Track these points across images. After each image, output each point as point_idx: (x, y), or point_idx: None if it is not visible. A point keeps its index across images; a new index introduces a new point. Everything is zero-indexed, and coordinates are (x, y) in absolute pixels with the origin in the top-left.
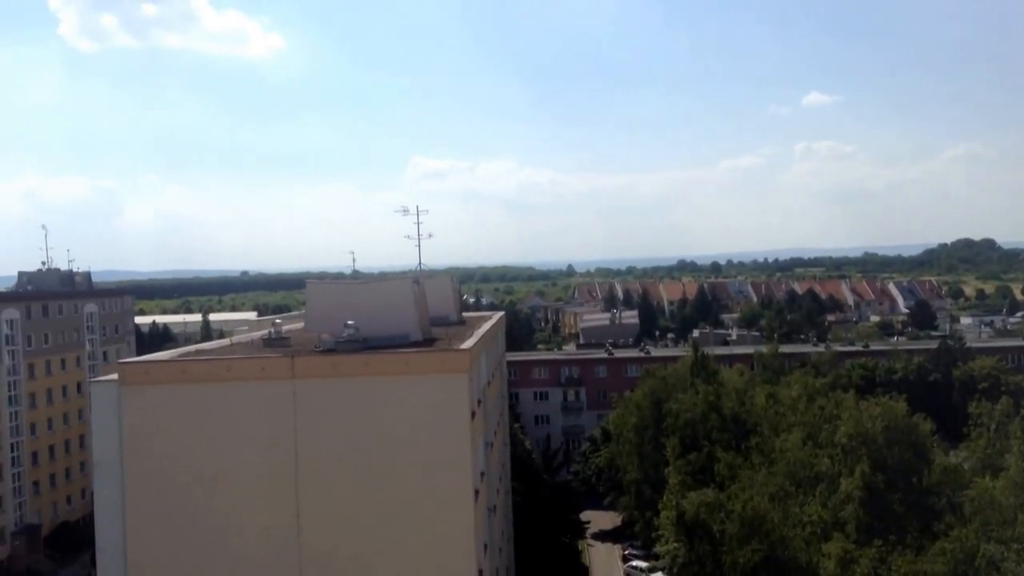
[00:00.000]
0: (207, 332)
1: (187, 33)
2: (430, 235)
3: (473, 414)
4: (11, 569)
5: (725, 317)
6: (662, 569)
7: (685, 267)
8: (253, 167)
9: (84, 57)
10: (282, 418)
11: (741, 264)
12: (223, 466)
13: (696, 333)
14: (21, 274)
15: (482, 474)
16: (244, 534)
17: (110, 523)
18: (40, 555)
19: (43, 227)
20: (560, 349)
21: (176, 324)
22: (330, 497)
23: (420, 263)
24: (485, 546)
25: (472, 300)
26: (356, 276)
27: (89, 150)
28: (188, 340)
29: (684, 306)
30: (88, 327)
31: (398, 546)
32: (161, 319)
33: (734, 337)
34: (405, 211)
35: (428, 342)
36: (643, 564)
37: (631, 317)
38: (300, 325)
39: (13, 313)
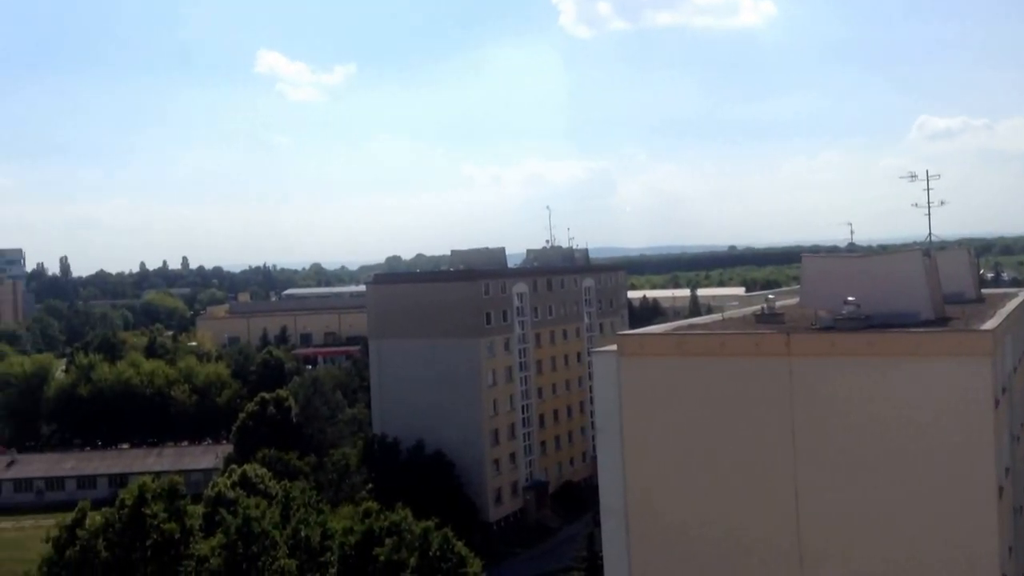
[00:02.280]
0: (695, 307)
1: (678, 10)
2: (941, 202)
3: (997, 402)
4: (523, 521)
5: None
6: None
7: None
8: (741, 139)
9: (581, 44)
10: (777, 396)
11: None
12: (717, 439)
13: None
14: (529, 251)
15: (1007, 470)
16: (739, 507)
17: (612, 486)
18: (547, 510)
19: (547, 208)
20: None
21: (665, 299)
22: (829, 480)
23: (930, 234)
24: (1010, 549)
25: (991, 275)
26: (852, 249)
27: (585, 133)
28: (676, 315)
29: None
30: (586, 300)
31: (905, 540)
32: (651, 294)
33: None
34: (912, 177)
35: (941, 321)
36: None
37: None
38: (793, 301)
39: (523, 287)
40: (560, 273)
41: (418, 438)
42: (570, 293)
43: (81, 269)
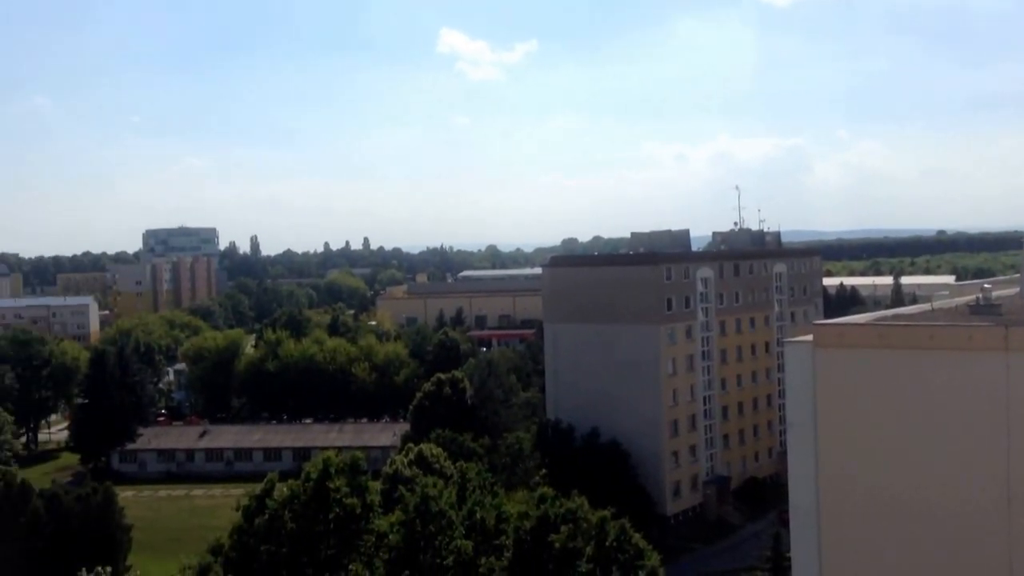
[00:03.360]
0: (898, 296)
1: None
2: None
3: None
4: (703, 516)
5: None
6: None
7: None
8: (953, 113)
9: (777, 13)
10: (991, 394)
11: None
12: (922, 438)
13: None
14: (715, 234)
15: None
16: (944, 515)
17: (803, 484)
18: (729, 506)
19: (736, 188)
20: None
21: (864, 287)
22: None
23: None
24: None
25: None
26: None
27: (778, 109)
28: (876, 304)
29: None
30: (776, 287)
31: None
32: (848, 281)
33: None
34: None
35: None
36: None
37: None
38: (1012, 291)
39: (707, 272)
40: (749, 257)
41: (593, 425)
42: (759, 279)
43: (270, 248)
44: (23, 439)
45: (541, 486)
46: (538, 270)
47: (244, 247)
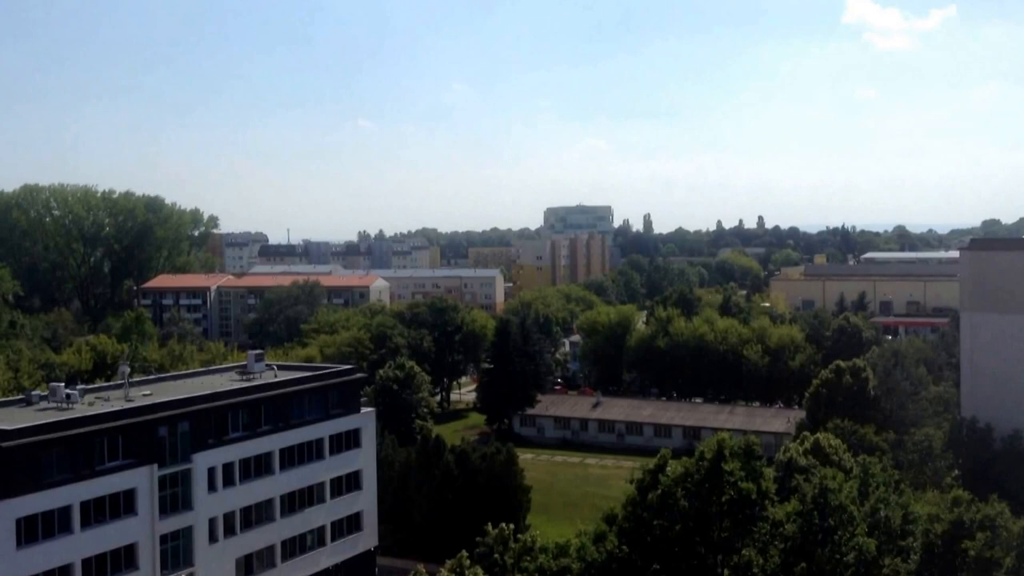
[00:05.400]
0: None
1: None
2: None
3: None
4: None
5: None
6: None
7: None
8: None
9: None
10: None
11: None
12: None
13: None
14: None
15: None
16: None
17: None
18: None
19: None
20: None
21: None
22: None
23: None
24: None
25: None
26: None
27: None
28: None
29: None
30: None
31: None
32: None
33: None
34: None
35: None
36: None
37: None
38: None
39: None
40: None
41: (1016, 427)
42: None
43: (661, 226)
44: (437, 398)
45: (954, 488)
46: (953, 253)
47: (637, 225)
